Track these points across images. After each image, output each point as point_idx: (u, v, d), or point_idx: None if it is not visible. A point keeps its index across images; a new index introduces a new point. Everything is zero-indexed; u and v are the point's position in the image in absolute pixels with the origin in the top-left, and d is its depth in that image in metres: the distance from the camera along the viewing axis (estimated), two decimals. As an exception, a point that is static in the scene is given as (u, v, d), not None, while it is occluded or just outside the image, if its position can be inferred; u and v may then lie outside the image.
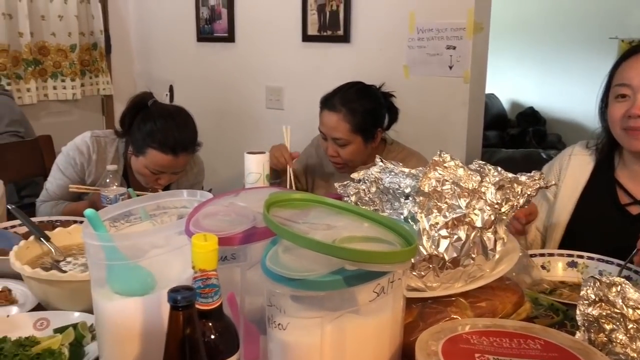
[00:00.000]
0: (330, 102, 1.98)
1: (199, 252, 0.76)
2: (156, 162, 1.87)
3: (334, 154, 1.97)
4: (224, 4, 3.25)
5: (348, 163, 1.98)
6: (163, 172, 1.90)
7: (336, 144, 1.96)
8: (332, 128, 1.94)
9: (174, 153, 1.86)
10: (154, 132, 1.85)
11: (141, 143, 1.87)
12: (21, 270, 1.17)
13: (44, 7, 3.29)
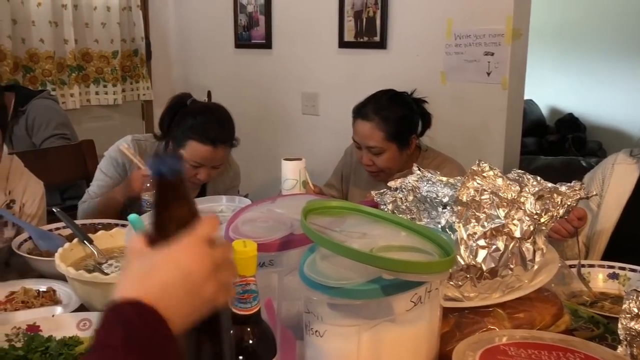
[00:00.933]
0: (362, 111, 1.98)
1: (239, 258, 0.77)
2: (196, 153, 1.89)
3: (369, 163, 1.97)
4: (262, 11, 3.29)
5: (384, 170, 1.98)
6: (202, 166, 1.92)
7: (371, 153, 1.96)
8: (366, 137, 1.95)
9: (213, 144, 1.89)
10: (194, 126, 1.89)
11: (181, 137, 1.91)
12: (66, 271, 1.21)
13: (88, 14, 3.38)
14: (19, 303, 1.30)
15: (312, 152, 3.00)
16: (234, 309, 0.77)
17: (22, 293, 1.33)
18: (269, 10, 3.26)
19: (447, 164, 2.01)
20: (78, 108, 3.36)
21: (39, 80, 3.19)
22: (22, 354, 1.03)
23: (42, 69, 3.20)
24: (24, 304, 1.29)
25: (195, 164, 1.89)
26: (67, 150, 2.37)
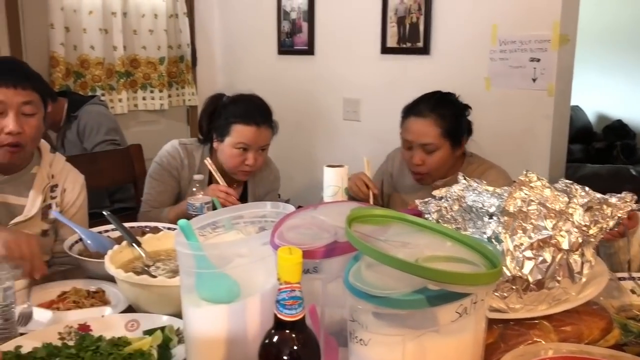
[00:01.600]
0: (416, 109, 1.98)
1: (285, 264, 0.78)
2: (242, 136, 1.97)
3: (419, 162, 1.94)
4: (305, 18, 3.32)
5: (431, 173, 1.96)
6: (249, 149, 1.98)
7: (424, 151, 1.93)
8: (422, 134, 1.93)
9: (257, 124, 1.98)
10: (235, 111, 2.00)
11: (224, 125, 2.00)
12: (115, 273, 1.25)
13: (136, 22, 3.48)
14: (71, 303, 1.35)
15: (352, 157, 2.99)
16: (280, 315, 0.78)
17: (73, 293, 1.38)
18: (311, 17, 3.29)
19: (493, 170, 1.98)
20: (126, 113, 3.45)
21: (89, 85, 3.30)
22: (74, 352, 1.07)
23: (92, 74, 3.30)
24: (75, 304, 1.34)
25: (242, 146, 1.97)
26: (116, 155, 2.44)
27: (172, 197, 2.09)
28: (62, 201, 1.73)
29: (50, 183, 1.70)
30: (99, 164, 2.37)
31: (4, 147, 1.54)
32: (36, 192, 1.65)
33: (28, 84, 1.56)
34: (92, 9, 3.27)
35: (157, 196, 2.05)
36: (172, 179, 2.07)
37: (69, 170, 1.77)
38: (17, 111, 1.53)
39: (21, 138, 1.55)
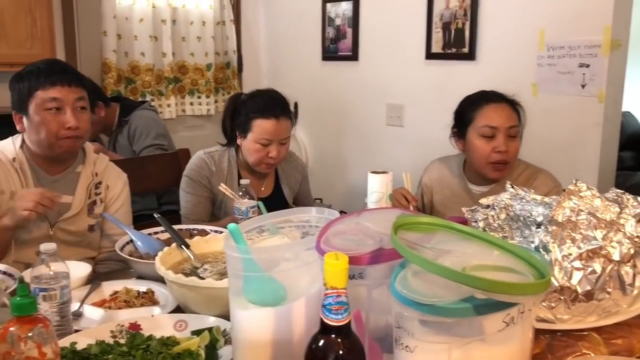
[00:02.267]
0: (487, 97, 1.96)
1: (331, 270, 0.79)
2: (263, 130, 2.03)
3: (505, 149, 1.88)
4: (349, 24, 3.34)
5: (511, 162, 1.93)
6: (271, 142, 2.04)
7: (509, 137, 1.89)
8: (509, 117, 1.90)
9: (276, 117, 2.03)
10: (254, 107, 2.06)
11: (245, 122, 2.06)
12: (165, 274, 1.29)
13: (185, 29, 3.57)
14: (122, 302, 1.39)
15: (395, 163, 3.00)
16: (326, 319, 0.80)
17: (124, 293, 1.42)
18: (356, 23, 3.31)
19: (540, 174, 1.95)
20: (174, 118, 3.55)
21: (139, 91, 3.40)
22: (126, 350, 1.11)
23: (142, 80, 3.40)
24: (126, 304, 1.39)
25: (264, 141, 2.03)
26: (165, 158, 2.51)
27: (208, 207, 2.15)
28: (106, 197, 1.82)
29: (94, 181, 1.79)
30: (148, 168, 2.45)
31: (65, 139, 1.67)
32: (81, 189, 1.75)
33: (79, 82, 1.70)
34: (142, 16, 3.37)
35: (192, 209, 2.11)
36: (204, 188, 2.13)
37: (111, 168, 1.86)
38: (72, 107, 1.66)
39: (79, 131, 1.68)
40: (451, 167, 2.09)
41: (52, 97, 1.63)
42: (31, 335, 0.89)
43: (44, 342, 0.89)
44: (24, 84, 1.65)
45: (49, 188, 1.69)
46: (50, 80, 1.63)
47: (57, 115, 1.65)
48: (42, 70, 1.65)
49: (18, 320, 0.89)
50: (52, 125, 1.64)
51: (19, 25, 2.79)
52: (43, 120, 1.64)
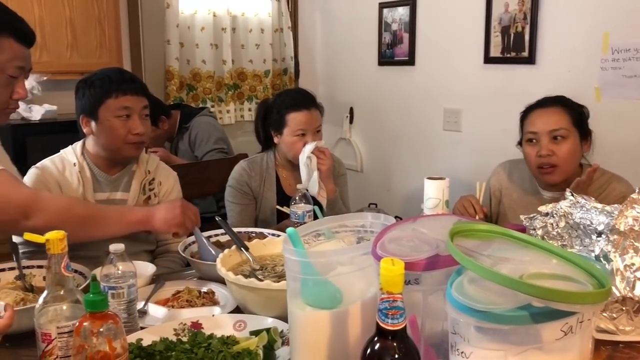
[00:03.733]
0: (539, 103, 1.97)
1: (387, 275, 0.80)
2: (297, 122, 2.13)
3: (549, 153, 1.87)
4: (406, 29, 3.33)
5: (561, 165, 1.89)
6: (306, 132, 2.12)
7: (554, 140, 1.88)
8: (551, 121, 1.89)
9: (307, 108, 2.14)
10: (285, 103, 2.16)
11: (278, 119, 2.16)
12: (226, 275, 1.33)
13: (244, 37, 3.66)
14: (184, 301, 1.44)
15: (452, 169, 2.97)
16: (382, 323, 0.81)
17: (186, 292, 1.48)
18: (413, 28, 3.30)
19: (615, 180, 1.90)
20: (233, 123, 3.64)
21: (200, 97, 3.51)
22: (188, 348, 1.15)
23: (203, 87, 3.51)
24: (188, 303, 1.44)
25: (300, 132, 2.13)
26: (225, 163, 2.58)
27: (252, 214, 2.22)
28: (159, 192, 1.93)
29: (147, 178, 1.90)
30: (209, 172, 2.53)
31: (131, 144, 1.79)
32: (136, 185, 1.87)
33: (144, 91, 1.83)
34: (204, 25, 3.48)
35: (237, 217, 2.19)
36: (246, 196, 2.21)
37: (162, 166, 1.98)
38: (139, 114, 1.79)
39: (143, 137, 1.81)
40: (521, 171, 2.07)
41: (123, 105, 1.75)
42: (102, 331, 0.94)
43: (114, 337, 0.95)
44: (95, 91, 1.75)
45: (108, 187, 1.83)
46: (122, 89, 1.75)
47: (126, 122, 1.76)
48: (113, 79, 1.76)
49: (91, 316, 0.95)
50: (121, 131, 1.76)
51: (89, 36, 2.94)
52: (113, 126, 1.75)
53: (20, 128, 2.74)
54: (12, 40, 1.46)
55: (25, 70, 1.53)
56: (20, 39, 1.48)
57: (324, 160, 2.09)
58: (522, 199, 2.02)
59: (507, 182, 2.07)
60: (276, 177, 2.24)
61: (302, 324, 1.01)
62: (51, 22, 2.83)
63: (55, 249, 1.01)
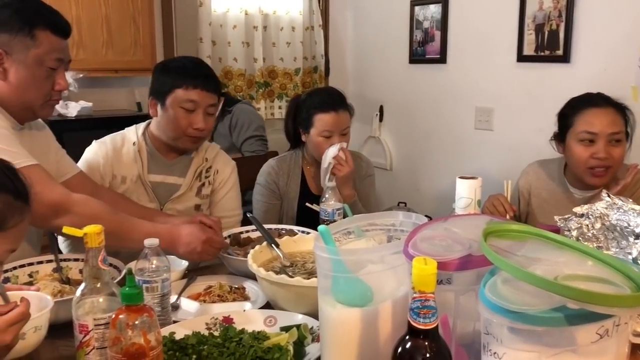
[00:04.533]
0: (590, 101, 1.89)
1: (420, 274, 0.80)
2: (324, 123, 2.11)
3: (606, 156, 1.82)
4: (438, 27, 3.31)
5: (615, 167, 1.85)
6: (332, 134, 2.11)
7: (610, 143, 1.83)
8: (610, 122, 1.83)
9: (335, 110, 2.11)
10: (313, 103, 2.14)
11: (306, 119, 2.15)
12: (257, 271, 1.35)
13: (275, 35, 3.68)
14: (215, 296, 1.47)
15: (484, 168, 2.94)
16: (413, 322, 0.81)
17: (218, 288, 1.50)
18: (445, 25, 3.27)
19: None
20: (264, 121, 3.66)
21: (232, 95, 3.54)
22: (220, 342, 1.17)
23: (234, 85, 3.54)
24: (219, 298, 1.46)
25: (326, 133, 2.11)
26: (257, 160, 2.61)
27: (277, 213, 2.23)
28: (214, 181, 1.96)
29: (205, 165, 1.93)
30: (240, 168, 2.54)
31: (190, 137, 1.82)
32: (191, 172, 1.90)
33: (215, 89, 1.84)
34: (236, 23, 3.51)
35: (263, 215, 2.19)
36: (273, 194, 2.22)
37: (222, 155, 2.01)
38: (204, 111, 1.80)
39: (204, 133, 1.83)
40: (551, 171, 2.03)
41: (190, 99, 1.77)
42: (137, 323, 0.96)
43: (148, 330, 0.96)
44: (168, 78, 1.79)
45: (163, 170, 1.87)
46: (193, 82, 1.76)
47: (189, 115, 1.78)
48: (188, 70, 1.78)
49: (126, 308, 0.97)
50: (183, 122, 1.78)
51: (124, 34, 2.99)
52: (176, 116, 1.78)
53: (57, 124, 2.81)
54: (49, 32, 1.49)
55: (64, 62, 1.55)
56: (56, 31, 1.51)
57: (339, 167, 2.06)
58: (552, 197, 1.99)
59: (537, 182, 2.04)
60: (302, 174, 2.25)
61: (333, 321, 1.01)
62: (88, 20, 2.89)
63: (92, 242, 1.04)
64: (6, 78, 1.48)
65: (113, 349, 0.97)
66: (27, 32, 1.46)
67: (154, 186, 1.84)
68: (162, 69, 1.84)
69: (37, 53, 1.48)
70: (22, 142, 1.52)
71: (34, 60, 1.48)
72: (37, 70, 1.49)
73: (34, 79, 1.49)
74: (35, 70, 1.49)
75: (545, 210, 1.99)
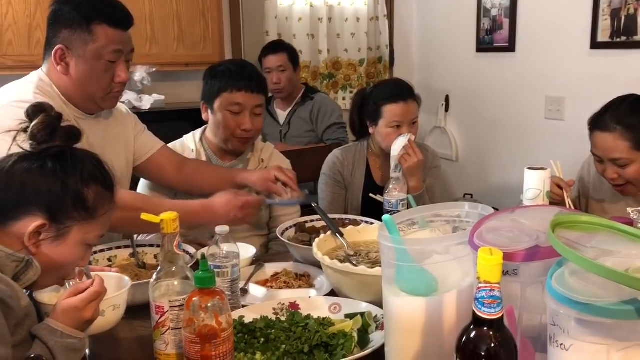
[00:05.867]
0: (600, 121, 1.83)
1: (485, 264, 0.80)
2: (393, 114, 2.12)
3: (614, 177, 1.81)
4: (506, 14, 3.22)
5: (634, 182, 1.80)
6: (402, 125, 2.12)
7: (616, 165, 1.80)
8: (609, 149, 1.79)
9: (404, 99, 2.12)
10: (381, 94, 2.15)
11: (374, 110, 2.15)
12: (322, 259, 1.38)
13: (340, 26, 3.69)
14: (282, 283, 1.51)
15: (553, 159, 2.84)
16: (478, 312, 0.81)
17: (284, 274, 1.55)
18: (514, 13, 3.19)
19: None
20: (328, 112, 3.69)
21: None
22: (287, 326, 1.21)
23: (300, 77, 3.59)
24: (285, 284, 1.51)
25: (395, 124, 2.12)
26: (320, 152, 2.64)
27: (342, 203, 2.25)
28: None
29: (261, 166, 1.97)
30: (305, 159, 2.60)
31: (239, 139, 1.87)
32: None
33: (261, 90, 1.88)
34: (301, 15, 3.55)
35: (329, 206, 2.22)
36: (338, 184, 2.24)
37: (276, 155, 2.05)
38: (251, 112, 1.85)
39: (251, 133, 1.87)
40: None
41: (235, 101, 1.83)
42: (210, 306, 1.01)
43: (220, 312, 1.02)
44: (215, 82, 1.86)
45: None
46: (237, 85, 1.82)
47: (236, 117, 1.84)
48: (232, 74, 1.84)
49: (200, 291, 1.02)
50: (231, 124, 1.84)
51: (194, 29, 3.09)
52: (224, 118, 1.84)
53: (132, 117, 2.94)
54: (105, 25, 1.50)
55: (124, 53, 1.57)
56: (113, 24, 1.52)
57: (407, 157, 2.04)
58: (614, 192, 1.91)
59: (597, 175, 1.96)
60: (367, 166, 2.26)
61: (397, 309, 1.03)
62: (160, 16, 3.00)
63: (168, 228, 1.09)
64: (68, 72, 1.53)
65: (187, 330, 1.02)
66: (85, 27, 1.49)
67: None
68: (209, 73, 1.89)
69: (95, 47, 1.50)
70: (95, 130, 1.60)
71: (92, 54, 1.51)
72: (96, 64, 1.52)
73: (93, 73, 1.53)
74: (94, 64, 1.52)
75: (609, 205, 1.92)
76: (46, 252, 1.04)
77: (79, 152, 1.10)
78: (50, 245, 1.05)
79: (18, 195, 1.03)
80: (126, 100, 2.95)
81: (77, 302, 1.04)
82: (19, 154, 1.06)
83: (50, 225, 1.04)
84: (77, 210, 1.06)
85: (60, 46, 1.50)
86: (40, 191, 1.03)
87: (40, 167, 1.04)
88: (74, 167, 1.06)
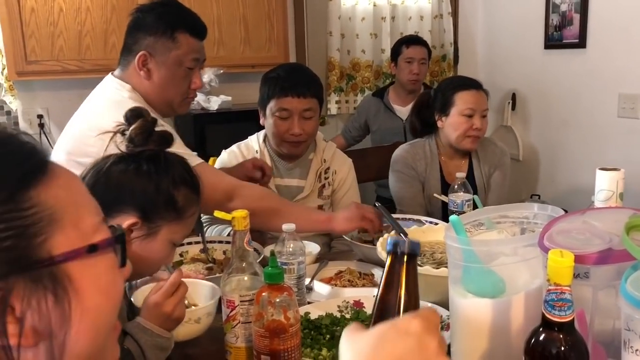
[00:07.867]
0: None
1: (555, 266, 0.80)
2: (465, 100, 2.11)
3: None
4: (577, 9, 3.12)
5: None
6: (474, 113, 2.10)
7: None
8: None
9: (476, 88, 2.14)
10: (452, 85, 2.16)
11: (444, 101, 2.14)
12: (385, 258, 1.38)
13: (403, 25, 3.67)
14: (346, 281, 1.53)
15: (627, 159, 2.74)
16: (548, 315, 0.81)
17: (348, 273, 1.56)
18: (585, 8, 3.08)
19: None
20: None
21: (359, 87, 3.61)
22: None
23: (362, 76, 3.60)
24: (349, 282, 1.52)
25: (469, 111, 2.10)
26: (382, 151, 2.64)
27: (422, 197, 2.20)
28: (334, 181, 2.02)
29: (323, 166, 2.00)
30: (367, 159, 2.60)
31: (289, 142, 1.90)
32: (312, 174, 1.98)
33: (309, 93, 1.88)
34: (364, 15, 3.56)
35: (410, 202, 2.18)
36: (413, 178, 2.19)
37: (338, 154, 2.06)
38: (299, 116, 1.87)
39: (301, 137, 1.89)
40: None
41: (282, 107, 1.86)
42: (279, 301, 1.04)
43: (287, 307, 1.04)
44: (265, 89, 1.91)
45: (286, 174, 1.97)
46: (284, 91, 1.86)
47: (284, 122, 1.87)
48: (279, 80, 1.88)
49: (269, 287, 1.06)
50: (280, 129, 1.88)
51: (260, 31, 3.15)
52: (274, 124, 1.89)
53: (200, 117, 3.04)
54: (188, 35, 1.61)
55: (200, 62, 1.67)
56: (194, 33, 1.63)
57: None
58: None
59: None
60: (439, 165, 2.22)
61: (464, 310, 1.02)
62: (227, 19, 3.08)
63: (239, 225, 1.13)
64: (150, 77, 1.61)
65: (256, 324, 1.06)
66: (169, 34, 1.58)
67: (277, 190, 1.93)
68: (262, 80, 1.93)
69: (177, 54, 1.60)
70: None
71: (174, 61, 1.60)
72: (176, 71, 1.61)
73: (174, 79, 1.62)
74: (175, 71, 1.61)
75: None
76: (135, 250, 1.10)
77: (171, 156, 1.15)
78: (140, 242, 1.10)
79: (115, 195, 1.08)
80: (195, 102, 3.05)
81: (157, 297, 1.09)
82: (116, 155, 1.12)
83: (142, 224, 1.09)
84: (168, 211, 1.11)
85: (144, 52, 1.59)
86: (135, 191, 1.09)
87: (135, 169, 1.10)
88: (166, 170, 1.12)
